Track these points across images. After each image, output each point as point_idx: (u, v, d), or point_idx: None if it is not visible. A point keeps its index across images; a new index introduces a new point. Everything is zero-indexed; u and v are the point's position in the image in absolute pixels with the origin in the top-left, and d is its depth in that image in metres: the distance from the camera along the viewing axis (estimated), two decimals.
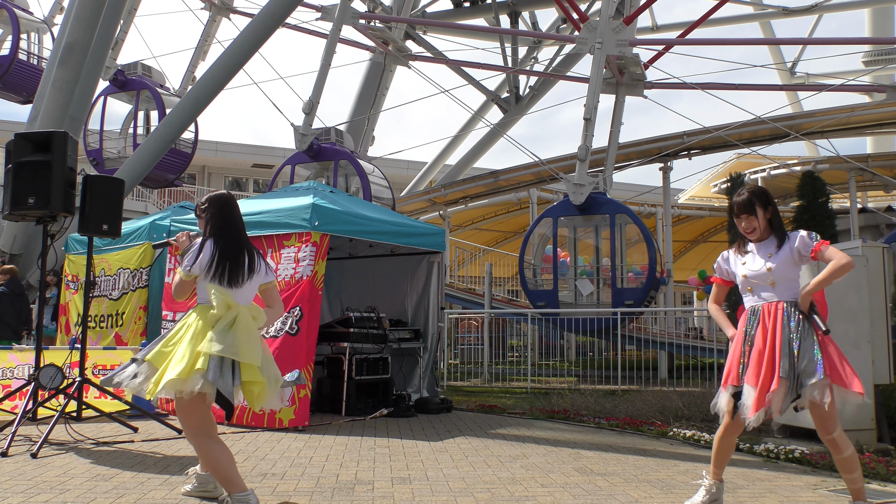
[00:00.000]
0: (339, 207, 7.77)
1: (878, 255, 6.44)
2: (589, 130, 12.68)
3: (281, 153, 34.47)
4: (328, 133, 14.16)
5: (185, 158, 16.28)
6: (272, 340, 7.04)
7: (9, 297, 9.34)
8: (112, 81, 15.67)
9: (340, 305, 9.67)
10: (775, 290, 3.81)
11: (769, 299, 3.81)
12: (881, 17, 26.09)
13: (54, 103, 11.91)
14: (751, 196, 3.88)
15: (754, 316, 3.83)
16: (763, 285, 3.83)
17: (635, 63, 13.63)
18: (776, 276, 3.80)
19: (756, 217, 3.87)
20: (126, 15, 15.95)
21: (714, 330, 12.87)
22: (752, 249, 3.92)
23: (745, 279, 3.90)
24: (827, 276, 3.69)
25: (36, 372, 6.11)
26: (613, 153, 13.96)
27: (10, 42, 16.08)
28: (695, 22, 16.66)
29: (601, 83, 12.98)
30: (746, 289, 3.89)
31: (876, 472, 4.94)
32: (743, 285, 3.92)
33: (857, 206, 17.65)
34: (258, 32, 12.39)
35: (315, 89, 14.47)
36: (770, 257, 3.82)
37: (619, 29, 12.98)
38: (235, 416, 6.93)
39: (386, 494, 4.29)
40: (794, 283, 3.84)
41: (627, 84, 14.28)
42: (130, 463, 5.10)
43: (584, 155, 12.63)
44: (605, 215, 13.14)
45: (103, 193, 6.65)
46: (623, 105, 14.32)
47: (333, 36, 14.87)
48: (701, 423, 7.09)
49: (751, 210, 3.87)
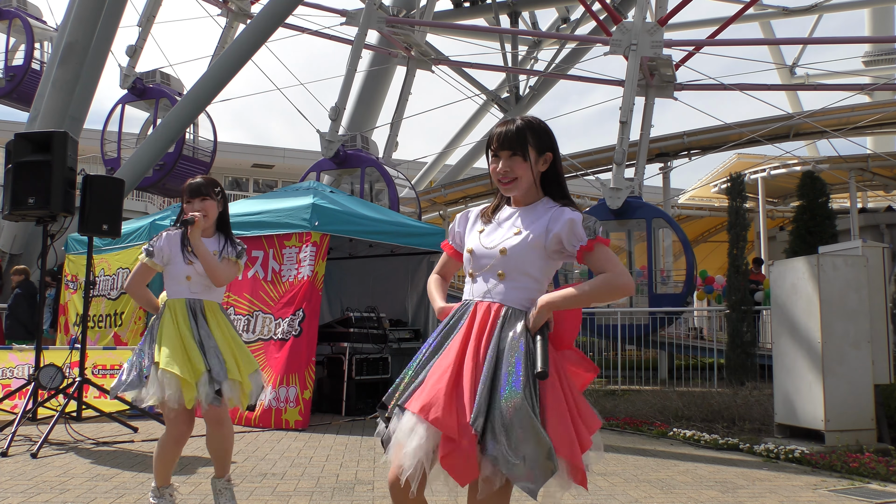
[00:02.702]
0: (339, 207, 7.78)
1: (878, 255, 6.45)
2: (625, 133, 12.50)
3: (281, 153, 34.48)
4: (354, 139, 14.08)
5: (204, 166, 16.18)
6: (280, 344, 7.07)
7: (24, 298, 9.38)
8: (130, 90, 15.55)
9: (340, 305, 9.67)
10: (503, 284, 2.31)
11: (489, 297, 2.32)
12: (881, 17, 26.09)
13: (54, 103, 11.91)
14: (525, 127, 2.33)
15: (464, 312, 2.35)
16: (488, 273, 2.34)
17: (667, 64, 13.43)
18: (509, 265, 2.31)
19: (525, 160, 2.32)
20: (145, 22, 15.89)
21: (714, 330, 12.87)
22: (507, 217, 2.39)
23: (470, 255, 2.39)
24: (591, 293, 2.24)
25: (36, 372, 6.11)
26: (644, 156, 13.75)
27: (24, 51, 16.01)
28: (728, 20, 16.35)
29: (636, 85, 12.82)
30: (468, 271, 2.41)
31: (876, 472, 4.94)
32: (465, 265, 2.44)
33: (857, 206, 17.67)
34: (258, 33, 12.39)
35: (341, 95, 14.31)
36: (518, 234, 2.32)
37: (654, 30, 12.82)
38: (242, 417, 6.98)
39: (386, 494, 4.29)
40: (531, 283, 2.32)
41: (657, 86, 14.06)
42: (130, 463, 5.10)
43: (620, 159, 12.49)
44: (641, 219, 12.95)
45: (103, 193, 6.65)
46: (652, 107, 14.10)
47: (359, 41, 14.69)
48: (701, 423, 7.10)
49: (519, 147, 2.32)
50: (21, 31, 16.31)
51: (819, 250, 7.13)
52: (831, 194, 11.98)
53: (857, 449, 5.54)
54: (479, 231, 2.41)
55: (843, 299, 6.09)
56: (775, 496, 4.41)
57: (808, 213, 10.80)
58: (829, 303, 6.05)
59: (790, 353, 6.34)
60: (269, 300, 7.36)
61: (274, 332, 7.18)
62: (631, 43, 12.66)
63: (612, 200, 12.49)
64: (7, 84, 15.98)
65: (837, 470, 5.13)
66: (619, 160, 12.55)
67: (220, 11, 17.76)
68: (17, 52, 16.79)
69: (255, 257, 7.57)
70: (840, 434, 5.82)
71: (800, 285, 6.28)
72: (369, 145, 14.36)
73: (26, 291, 9.50)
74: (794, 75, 25.18)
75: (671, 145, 17.15)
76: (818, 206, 10.78)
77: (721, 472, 5.15)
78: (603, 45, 13.66)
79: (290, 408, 6.80)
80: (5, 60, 16.54)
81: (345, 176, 14.73)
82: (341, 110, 14.17)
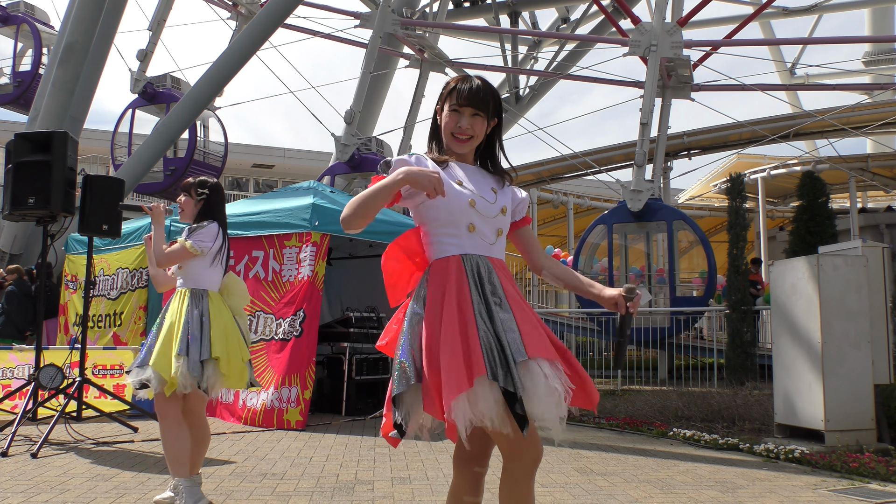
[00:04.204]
0: (339, 207, 7.78)
1: (878, 255, 6.45)
2: (645, 135, 12.38)
3: (281, 153, 34.50)
4: (369, 143, 14.01)
5: (215, 171, 16.19)
6: (282, 344, 7.08)
7: (17, 297, 9.37)
8: (141, 94, 15.53)
9: (340, 305, 9.67)
10: (497, 243, 2.33)
11: (492, 252, 2.30)
12: (881, 17, 26.09)
13: (54, 103, 11.91)
14: (489, 89, 2.33)
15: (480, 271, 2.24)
16: (488, 231, 2.30)
17: (685, 65, 13.29)
18: (504, 223, 2.36)
19: (484, 122, 2.34)
20: (156, 26, 15.86)
21: (714, 330, 12.87)
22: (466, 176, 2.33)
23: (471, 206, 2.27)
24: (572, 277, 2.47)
25: (36, 372, 6.11)
26: (661, 157, 13.66)
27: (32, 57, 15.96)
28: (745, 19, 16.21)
29: (655, 87, 12.71)
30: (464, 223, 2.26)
31: (876, 472, 4.94)
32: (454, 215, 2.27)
33: (857, 206, 17.67)
34: (257, 33, 12.38)
35: (356, 98, 14.22)
36: (497, 194, 2.35)
37: (674, 31, 12.72)
38: (243, 417, 7.00)
39: (386, 494, 4.29)
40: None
41: (674, 87, 13.92)
42: (130, 463, 5.10)
43: (641, 160, 12.35)
44: (662, 221, 12.81)
45: (103, 193, 6.65)
46: (669, 109, 13.97)
47: (374, 44, 14.57)
48: (701, 423, 7.10)
49: (483, 107, 2.31)
50: (28, 36, 16.26)
51: (819, 250, 7.12)
52: (831, 194, 11.98)
53: (857, 449, 5.55)
54: (456, 182, 2.29)
55: (843, 299, 6.09)
56: (775, 496, 4.41)
57: (808, 213, 10.80)
58: (828, 303, 6.05)
59: (790, 353, 6.34)
60: (269, 300, 7.37)
61: (275, 333, 7.19)
62: (651, 44, 12.55)
63: (633, 203, 12.28)
64: (15, 90, 15.95)
65: (837, 470, 5.14)
66: (640, 162, 12.37)
67: (230, 14, 17.74)
68: (24, 57, 16.73)
69: (256, 257, 7.58)
70: (840, 434, 5.82)
71: (800, 285, 6.28)
72: (384, 149, 14.27)
73: (20, 290, 9.48)
74: (794, 75, 25.18)
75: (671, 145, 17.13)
76: (818, 206, 10.77)
77: (721, 472, 5.15)
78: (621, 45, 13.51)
79: (290, 408, 6.82)
80: (13, 66, 16.51)
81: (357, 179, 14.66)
82: (356, 114, 14.03)
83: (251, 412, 6.98)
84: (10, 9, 16.40)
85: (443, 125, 2.36)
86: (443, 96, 2.36)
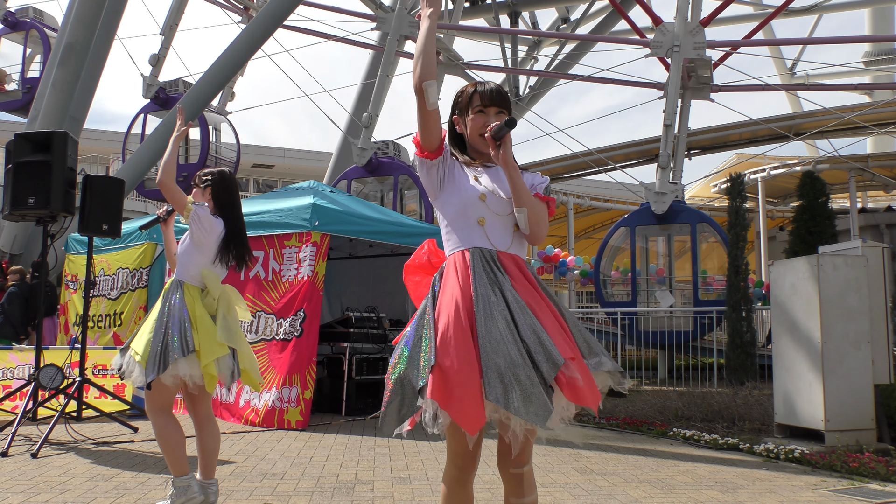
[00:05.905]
0: (339, 207, 7.78)
1: (878, 254, 6.45)
2: (669, 136, 12.27)
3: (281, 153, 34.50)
4: (386, 147, 13.94)
5: None
6: (283, 344, 7.09)
7: (18, 298, 9.37)
8: (153, 99, 15.54)
9: (340, 305, 9.68)
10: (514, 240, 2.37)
11: (505, 248, 2.33)
12: (881, 17, 26.11)
13: (54, 103, 11.90)
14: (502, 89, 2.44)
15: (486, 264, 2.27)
16: (500, 226, 2.34)
17: (706, 66, 13.13)
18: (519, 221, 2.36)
19: None
20: (168, 31, 15.83)
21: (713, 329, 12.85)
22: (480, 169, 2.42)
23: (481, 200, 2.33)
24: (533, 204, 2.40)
25: (36, 372, 6.11)
26: (681, 159, 13.48)
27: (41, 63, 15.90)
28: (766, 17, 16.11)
29: (678, 88, 12.60)
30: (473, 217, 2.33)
31: (876, 472, 4.94)
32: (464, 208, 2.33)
33: (857, 206, 17.67)
34: (257, 33, 12.37)
35: (374, 102, 14.12)
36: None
37: (696, 31, 12.61)
38: (244, 417, 7.00)
39: (386, 494, 4.29)
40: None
41: (694, 88, 13.71)
42: (130, 463, 5.11)
43: (665, 162, 12.24)
44: (686, 224, 12.71)
45: (103, 193, 6.65)
46: (689, 110, 13.76)
47: (391, 46, 14.43)
48: (701, 423, 7.10)
49: (505, 105, 2.40)
50: (37, 42, 16.24)
51: (819, 250, 7.12)
52: (831, 194, 11.98)
53: (857, 449, 5.55)
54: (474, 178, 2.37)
55: (843, 299, 6.09)
56: (775, 496, 4.41)
57: (808, 213, 10.80)
58: (828, 303, 6.05)
59: (790, 353, 6.34)
60: (270, 300, 7.38)
61: (276, 333, 7.20)
62: (673, 45, 12.43)
63: (658, 205, 12.15)
64: (24, 96, 15.92)
65: (837, 470, 5.14)
66: (663, 164, 12.26)
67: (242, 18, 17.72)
68: (32, 63, 16.69)
69: (256, 257, 7.58)
70: (840, 434, 5.82)
71: (800, 285, 6.28)
72: (401, 152, 14.21)
73: (20, 290, 9.49)
74: (794, 75, 25.19)
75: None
76: (818, 206, 10.78)
77: (721, 472, 5.15)
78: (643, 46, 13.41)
79: (291, 408, 6.82)
80: (21, 72, 16.49)
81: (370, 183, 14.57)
82: (374, 118, 13.92)
83: (252, 412, 6.99)
84: (18, 14, 16.38)
85: (469, 129, 2.41)
86: (461, 104, 2.44)
